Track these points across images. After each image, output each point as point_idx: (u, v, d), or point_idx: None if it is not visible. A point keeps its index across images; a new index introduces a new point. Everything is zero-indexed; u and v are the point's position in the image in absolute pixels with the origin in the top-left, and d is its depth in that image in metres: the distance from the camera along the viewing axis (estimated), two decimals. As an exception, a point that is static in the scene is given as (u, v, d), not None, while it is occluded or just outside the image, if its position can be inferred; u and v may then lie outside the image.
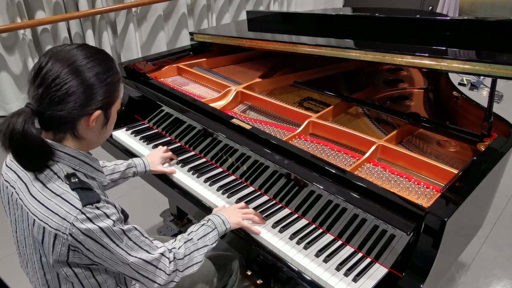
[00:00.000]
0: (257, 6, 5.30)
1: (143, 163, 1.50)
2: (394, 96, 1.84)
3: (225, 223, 1.20)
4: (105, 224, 0.89)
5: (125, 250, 0.93)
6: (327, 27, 1.94)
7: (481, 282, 2.03)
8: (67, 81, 0.87)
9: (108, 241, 0.90)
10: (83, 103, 0.89)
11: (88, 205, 0.88)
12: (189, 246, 1.10)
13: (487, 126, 1.34)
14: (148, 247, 0.98)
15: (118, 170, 1.43)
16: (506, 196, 2.63)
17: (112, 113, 0.99)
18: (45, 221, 0.88)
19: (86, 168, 0.98)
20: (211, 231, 1.17)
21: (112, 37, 4.15)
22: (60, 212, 0.87)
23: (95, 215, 0.88)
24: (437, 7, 5.23)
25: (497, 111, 1.40)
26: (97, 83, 0.90)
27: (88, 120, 0.92)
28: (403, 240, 1.08)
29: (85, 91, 0.88)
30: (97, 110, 0.92)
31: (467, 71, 1.21)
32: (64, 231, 0.87)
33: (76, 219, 0.86)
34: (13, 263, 2.15)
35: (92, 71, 0.90)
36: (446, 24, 1.60)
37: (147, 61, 1.99)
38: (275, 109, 1.70)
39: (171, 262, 1.02)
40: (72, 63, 0.88)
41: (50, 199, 0.89)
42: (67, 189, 0.89)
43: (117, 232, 0.91)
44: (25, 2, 3.45)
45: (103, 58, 0.95)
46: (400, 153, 1.35)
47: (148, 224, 2.33)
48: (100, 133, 0.99)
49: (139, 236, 0.97)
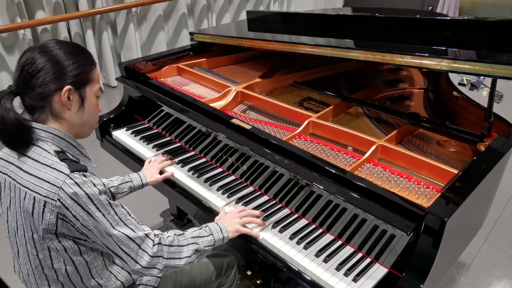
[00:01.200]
0: (257, 6, 5.30)
1: (139, 176, 1.50)
2: (394, 96, 1.84)
3: (223, 231, 1.21)
4: (91, 191, 0.94)
5: (109, 222, 0.97)
6: (327, 27, 1.94)
7: (481, 282, 2.03)
8: (37, 59, 0.96)
9: (94, 208, 0.95)
10: (52, 77, 0.96)
11: (75, 171, 0.95)
12: (179, 238, 1.12)
13: (487, 126, 1.34)
14: (134, 226, 1.02)
15: (112, 185, 1.43)
16: (506, 196, 2.63)
17: (87, 94, 1.04)
18: (36, 190, 0.94)
19: (73, 151, 1.04)
20: (206, 236, 1.17)
21: (112, 37, 4.15)
22: (49, 179, 0.93)
23: (82, 180, 0.94)
24: (437, 7, 5.24)
25: (497, 111, 1.39)
26: (65, 60, 0.98)
27: (60, 96, 0.98)
28: (403, 240, 1.08)
29: (53, 66, 0.97)
30: (65, 85, 0.98)
31: (467, 71, 1.21)
32: (53, 197, 0.92)
33: (64, 183, 0.92)
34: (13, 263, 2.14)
35: (60, 51, 0.99)
36: (446, 24, 1.60)
37: (147, 61, 1.99)
38: (275, 109, 1.70)
39: (155, 245, 1.04)
40: (44, 47, 0.99)
41: (40, 169, 0.95)
42: (56, 160, 0.96)
43: (103, 202, 0.96)
44: (25, 2, 3.45)
45: (74, 46, 1.04)
46: (400, 153, 1.35)
47: (148, 224, 2.32)
48: (79, 114, 1.03)
49: (125, 214, 1.01)
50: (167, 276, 1.29)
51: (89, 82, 1.04)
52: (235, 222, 1.25)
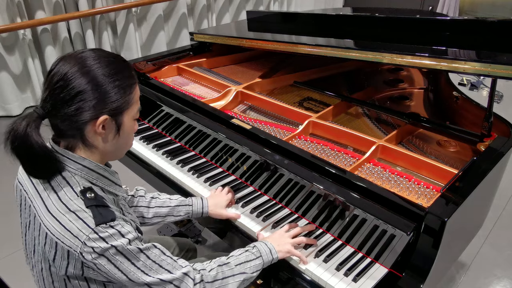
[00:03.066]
0: (257, 6, 5.30)
1: (201, 203, 1.31)
2: (394, 96, 1.84)
3: (272, 253, 1.10)
4: (118, 243, 0.85)
5: (141, 270, 0.89)
6: (327, 27, 1.94)
7: (481, 282, 2.02)
8: (74, 79, 0.84)
9: (123, 259, 0.86)
10: (89, 105, 0.85)
11: (101, 224, 0.85)
12: (224, 270, 1.01)
13: (487, 126, 1.34)
14: (170, 267, 0.93)
15: (168, 205, 1.30)
16: (506, 196, 2.63)
17: (124, 120, 0.92)
18: (57, 236, 0.86)
19: (104, 181, 0.94)
20: (254, 259, 1.06)
21: (112, 37, 4.15)
22: (72, 230, 0.84)
23: (108, 234, 0.85)
24: (437, 7, 5.23)
25: (497, 111, 1.40)
26: (106, 83, 0.86)
27: (94, 126, 0.87)
28: (403, 240, 1.08)
29: (91, 91, 0.84)
30: (102, 114, 0.87)
31: (467, 71, 1.21)
32: (76, 249, 0.84)
33: (88, 238, 0.83)
34: (13, 263, 2.15)
35: (102, 70, 0.86)
36: (446, 24, 1.60)
37: (147, 61, 1.99)
38: (275, 109, 1.70)
39: (196, 284, 0.95)
40: (79, 63, 0.85)
41: (64, 214, 0.86)
42: (81, 206, 0.86)
43: (133, 251, 0.87)
44: (25, 2, 3.45)
45: (115, 61, 0.90)
46: (400, 153, 1.35)
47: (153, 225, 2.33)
48: (113, 142, 0.93)
49: (159, 255, 0.92)
50: None
51: (129, 106, 0.91)
52: (285, 242, 1.14)
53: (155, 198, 1.31)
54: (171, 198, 1.32)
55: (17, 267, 2.09)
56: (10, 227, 2.31)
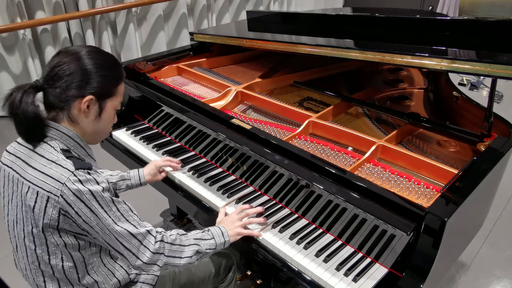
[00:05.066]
0: (257, 6, 5.30)
1: (138, 174, 1.50)
2: (394, 96, 1.84)
3: (224, 235, 1.21)
4: (94, 188, 0.95)
5: (112, 219, 0.98)
6: (327, 27, 1.94)
7: (481, 282, 2.03)
8: (68, 64, 0.99)
9: (97, 205, 0.96)
10: (78, 84, 0.99)
11: (80, 169, 0.96)
12: (182, 238, 1.12)
13: (487, 126, 1.34)
14: (136, 223, 1.03)
15: (110, 181, 1.40)
16: (506, 196, 2.63)
17: (107, 106, 1.06)
18: (39, 185, 0.96)
19: (80, 150, 1.06)
20: (209, 239, 1.18)
21: (112, 37, 4.15)
22: (54, 175, 0.95)
23: (86, 178, 0.95)
24: (437, 7, 5.24)
25: (497, 111, 1.40)
26: (94, 71, 1.01)
27: (80, 103, 1.00)
28: (403, 240, 1.08)
29: (81, 74, 0.99)
30: (88, 94, 1.00)
31: (467, 71, 1.21)
32: (56, 193, 0.93)
33: (68, 179, 0.93)
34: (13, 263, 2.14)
35: (92, 61, 1.01)
36: (446, 24, 1.60)
37: (147, 61, 1.99)
38: (275, 109, 1.70)
39: (157, 242, 1.05)
40: (78, 53, 1.01)
41: (45, 165, 0.97)
42: (62, 157, 0.98)
43: (106, 199, 0.97)
44: (25, 2, 3.45)
45: (106, 58, 1.05)
46: (400, 153, 1.35)
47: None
48: (93, 123, 1.05)
49: (127, 210, 1.03)
50: (165, 274, 1.29)
51: (112, 95, 1.06)
52: (235, 226, 1.24)
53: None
54: (112, 174, 1.47)
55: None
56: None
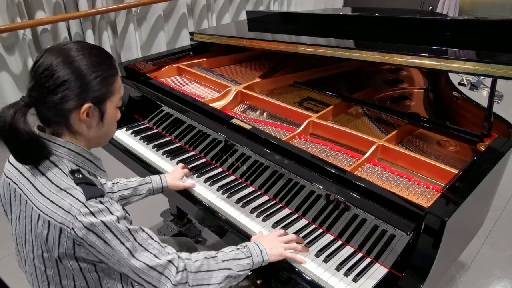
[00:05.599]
0: (257, 6, 5.30)
1: (160, 179, 1.42)
2: (394, 96, 1.84)
3: (263, 255, 1.10)
4: (108, 219, 0.88)
5: (128, 250, 0.90)
6: (327, 27, 1.94)
7: (481, 282, 2.03)
8: (55, 72, 0.87)
9: (111, 236, 0.88)
10: (72, 94, 0.89)
11: (91, 198, 0.88)
12: (210, 263, 1.02)
13: (487, 126, 1.34)
14: (157, 251, 0.94)
15: (130, 186, 1.37)
16: (506, 196, 2.63)
17: (107, 109, 0.96)
18: (50, 215, 0.88)
19: (89, 166, 0.98)
20: (243, 258, 1.07)
21: (112, 37, 4.15)
22: (64, 206, 0.87)
23: (98, 209, 0.87)
24: (437, 7, 5.23)
25: (497, 111, 1.40)
26: (88, 73, 0.90)
27: (79, 113, 0.91)
28: (403, 240, 1.08)
29: (74, 81, 0.88)
30: (86, 102, 0.91)
31: (467, 71, 1.21)
32: (68, 225, 0.87)
33: (79, 212, 0.86)
34: (13, 263, 2.14)
35: (84, 61, 0.90)
36: (446, 24, 1.60)
37: (147, 61, 1.99)
38: (275, 109, 1.70)
39: (178, 272, 0.96)
40: (63, 55, 0.89)
41: (55, 193, 0.89)
42: (71, 184, 0.90)
43: (121, 229, 0.89)
44: (25, 2, 3.45)
45: (97, 53, 0.94)
46: (400, 153, 1.35)
47: (148, 224, 2.34)
48: (97, 129, 0.97)
49: (146, 238, 0.94)
50: None
51: (111, 95, 0.96)
52: (278, 246, 1.14)
53: (116, 183, 1.38)
54: (131, 180, 1.41)
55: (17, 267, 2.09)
56: (9, 227, 2.31)
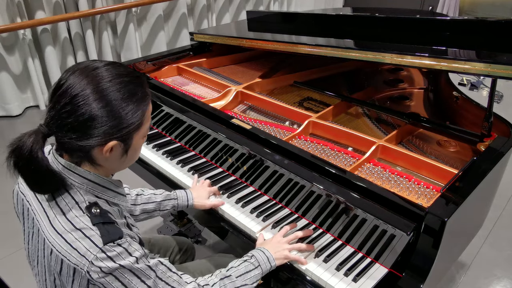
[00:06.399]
0: (257, 6, 5.30)
1: (186, 196, 1.36)
2: (394, 96, 1.84)
3: (270, 261, 1.10)
4: (127, 262, 0.83)
5: (149, 287, 0.87)
6: (327, 27, 1.94)
7: (481, 282, 2.03)
8: (81, 106, 0.79)
9: (131, 277, 0.85)
10: (95, 133, 0.81)
11: (109, 242, 0.82)
12: (226, 283, 1.02)
13: (487, 126, 1.34)
14: (176, 283, 0.93)
15: (154, 201, 1.32)
16: (506, 196, 2.63)
17: (134, 142, 0.88)
18: (63, 254, 0.83)
19: (109, 194, 0.92)
20: (253, 269, 1.07)
21: (112, 37, 4.15)
22: (79, 248, 0.82)
23: (116, 253, 0.83)
24: (437, 7, 5.23)
25: (497, 111, 1.40)
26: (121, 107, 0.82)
27: (102, 150, 0.84)
28: (403, 240, 1.08)
29: (99, 119, 0.80)
30: (111, 140, 0.83)
31: (467, 71, 1.21)
32: (83, 267, 0.82)
33: (95, 257, 0.81)
34: (13, 263, 2.15)
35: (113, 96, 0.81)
36: (446, 24, 1.60)
37: (147, 61, 1.99)
38: (275, 109, 1.70)
39: None
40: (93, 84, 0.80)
41: (69, 231, 0.83)
42: (87, 223, 0.84)
43: (142, 269, 0.86)
44: (25, 2, 3.45)
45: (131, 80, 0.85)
46: (400, 153, 1.35)
47: (148, 224, 2.33)
48: (120, 161, 0.90)
49: (166, 271, 0.92)
50: None
51: (140, 127, 0.87)
52: (282, 248, 1.14)
53: (140, 195, 1.33)
54: (156, 193, 1.34)
55: (17, 267, 2.09)
56: (10, 227, 2.31)
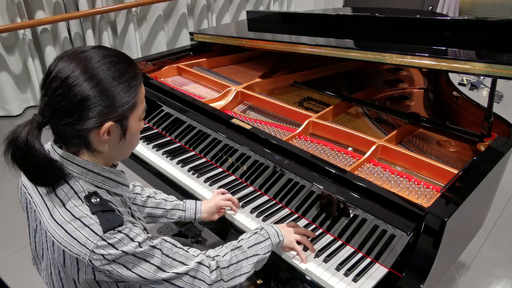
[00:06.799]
0: (257, 6, 5.30)
1: (195, 208, 1.31)
2: (394, 96, 1.84)
3: (279, 235, 1.11)
4: (129, 248, 0.82)
5: (157, 266, 0.86)
6: (327, 27, 1.94)
7: (481, 282, 2.03)
8: (73, 88, 0.78)
9: (135, 261, 0.84)
10: (89, 115, 0.80)
11: (109, 230, 0.81)
12: (237, 254, 1.02)
13: (487, 126, 1.34)
14: (184, 258, 0.91)
15: (163, 207, 1.30)
16: (506, 196, 2.63)
17: (130, 123, 0.87)
18: (64, 244, 0.83)
19: (110, 184, 0.91)
20: (264, 240, 1.07)
21: (112, 37, 4.15)
22: (79, 238, 0.81)
23: (117, 240, 0.81)
24: (437, 7, 5.23)
25: (497, 111, 1.40)
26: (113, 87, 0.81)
27: (98, 133, 0.83)
28: (403, 240, 1.08)
29: (98, 97, 0.80)
30: (107, 121, 0.82)
31: (467, 71, 1.21)
32: (84, 257, 0.81)
33: (96, 246, 0.80)
34: (13, 263, 2.15)
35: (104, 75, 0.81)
36: (446, 24, 1.60)
37: (147, 61, 1.99)
38: (275, 109, 1.70)
39: (212, 271, 0.95)
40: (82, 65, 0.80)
41: (69, 221, 0.82)
42: (87, 212, 0.82)
43: (146, 251, 0.85)
44: (25, 2, 3.45)
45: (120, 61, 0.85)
46: (400, 153, 1.35)
47: (148, 224, 2.33)
48: (118, 146, 0.89)
49: (171, 248, 0.91)
50: None
51: (134, 108, 0.86)
52: (291, 235, 1.15)
53: (151, 198, 1.30)
54: (167, 200, 1.31)
55: (17, 267, 2.09)
56: (10, 227, 2.31)
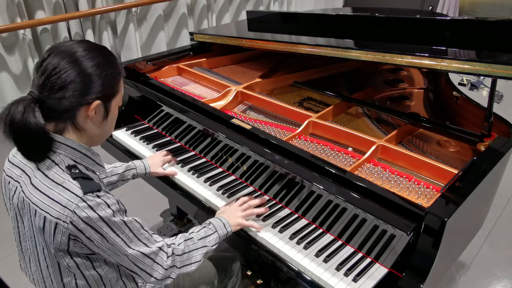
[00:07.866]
0: (257, 6, 5.30)
1: (143, 165, 1.50)
2: (394, 96, 1.84)
3: (226, 226, 1.21)
4: (105, 213, 0.90)
5: (124, 241, 0.95)
6: (327, 27, 1.94)
7: (481, 282, 2.03)
8: (67, 69, 0.90)
9: (108, 230, 0.92)
10: (82, 91, 0.91)
11: (89, 193, 0.90)
12: (189, 244, 1.12)
13: (487, 126, 1.34)
14: (147, 240, 1.01)
15: (116, 173, 1.43)
16: (506, 196, 2.63)
17: (112, 107, 1.00)
18: (46, 210, 0.89)
19: (87, 161, 0.99)
20: (212, 234, 1.18)
21: (112, 37, 4.15)
22: (61, 201, 0.89)
23: (96, 203, 0.90)
24: (437, 7, 5.23)
25: (497, 111, 1.40)
26: (96, 73, 0.93)
27: (87, 110, 0.93)
28: (403, 240, 1.08)
29: (84, 79, 0.91)
30: (96, 100, 0.93)
31: (467, 71, 1.21)
32: (65, 220, 0.88)
33: (77, 206, 0.88)
34: (13, 263, 2.14)
35: (91, 62, 0.93)
36: (446, 24, 1.60)
37: (147, 61, 1.99)
38: (275, 109, 1.70)
39: (169, 257, 1.04)
40: (72, 54, 0.92)
41: (51, 188, 0.90)
42: (68, 178, 0.91)
43: (118, 223, 0.93)
44: (25, 2, 3.45)
45: (103, 53, 0.98)
46: (400, 153, 1.35)
47: (148, 224, 2.33)
48: (101, 126, 1.00)
49: (139, 228, 0.99)
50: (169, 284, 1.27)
51: (116, 93, 1.00)
52: (237, 216, 1.25)
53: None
54: (116, 165, 1.45)
55: (17, 267, 2.09)
56: (10, 227, 2.31)
